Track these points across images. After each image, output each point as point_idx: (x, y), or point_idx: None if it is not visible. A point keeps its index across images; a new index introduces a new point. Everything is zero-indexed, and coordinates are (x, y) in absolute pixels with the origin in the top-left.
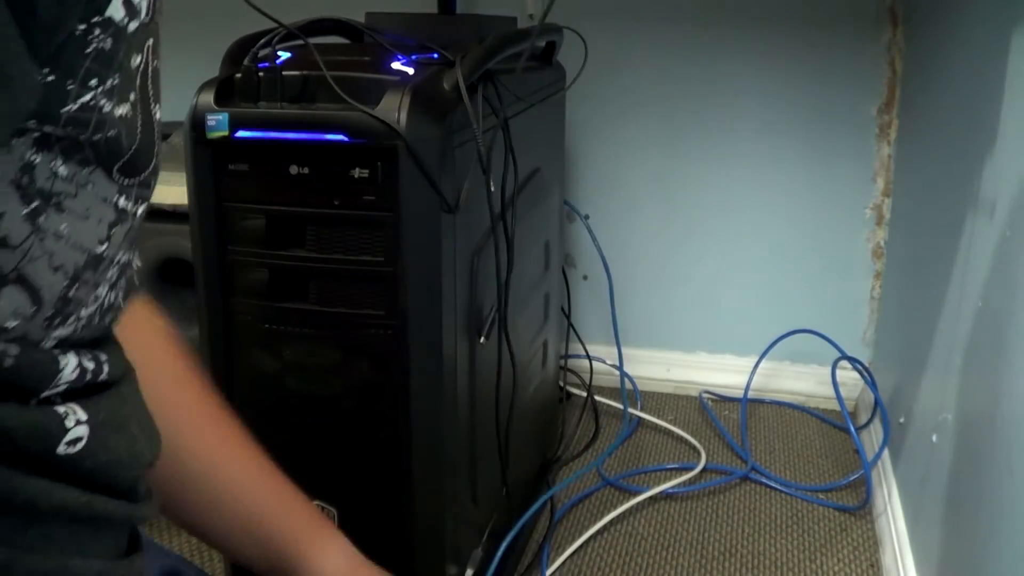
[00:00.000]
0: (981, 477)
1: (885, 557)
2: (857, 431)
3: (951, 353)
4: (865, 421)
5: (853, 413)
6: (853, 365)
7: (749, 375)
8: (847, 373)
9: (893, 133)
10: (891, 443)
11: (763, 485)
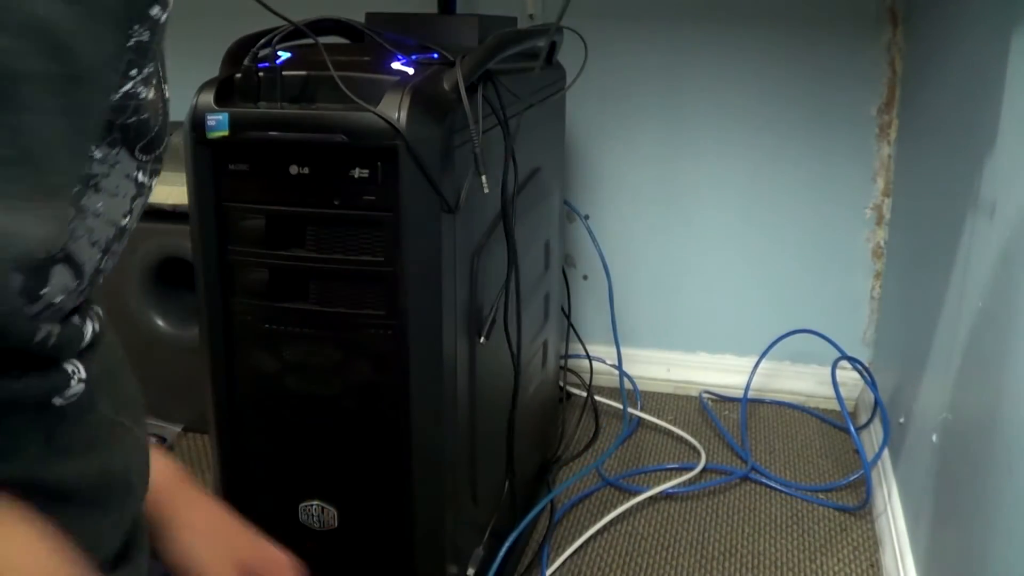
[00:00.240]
0: (981, 477)
1: (885, 557)
2: (857, 431)
3: (951, 353)
4: (865, 421)
5: (853, 413)
6: (853, 365)
7: (749, 375)
8: (847, 373)
9: (893, 133)
10: (891, 443)
11: (763, 485)
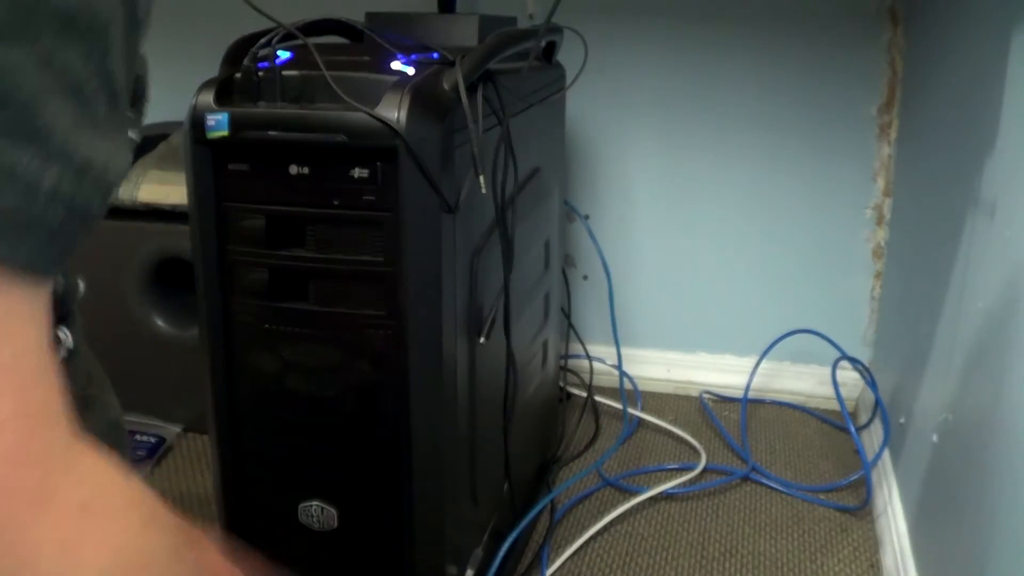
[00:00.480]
0: (981, 477)
1: (885, 557)
2: (857, 431)
3: (951, 353)
4: (865, 421)
5: (853, 413)
6: (853, 365)
7: (749, 375)
8: (847, 373)
9: (893, 133)
10: (891, 443)
11: (763, 485)
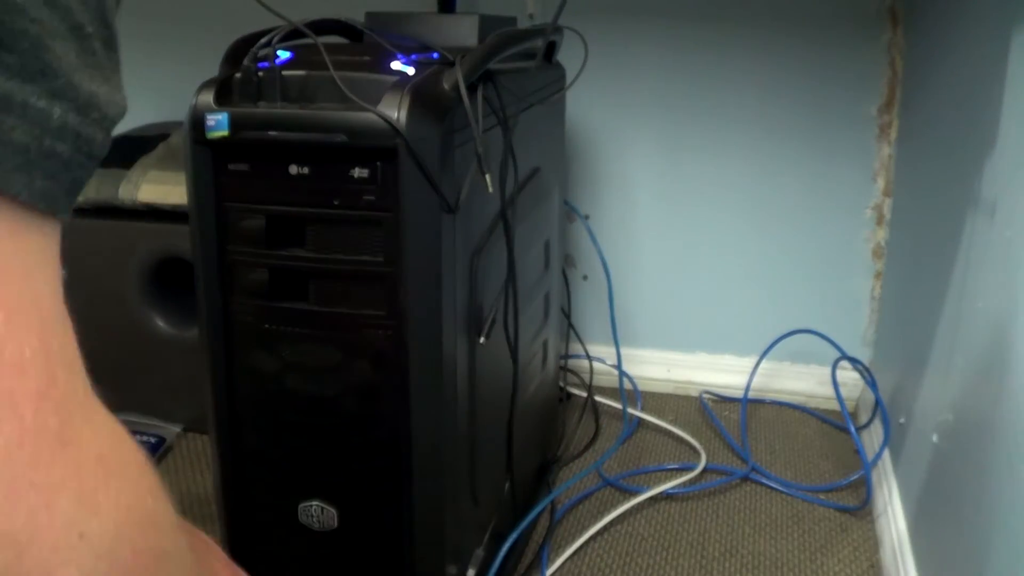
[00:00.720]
0: (981, 477)
1: (885, 557)
2: (857, 431)
3: (951, 353)
4: (865, 421)
5: (853, 413)
6: (853, 365)
7: (749, 375)
8: (847, 373)
9: (893, 133)
10: (891, 443)
11: (763, 485)
